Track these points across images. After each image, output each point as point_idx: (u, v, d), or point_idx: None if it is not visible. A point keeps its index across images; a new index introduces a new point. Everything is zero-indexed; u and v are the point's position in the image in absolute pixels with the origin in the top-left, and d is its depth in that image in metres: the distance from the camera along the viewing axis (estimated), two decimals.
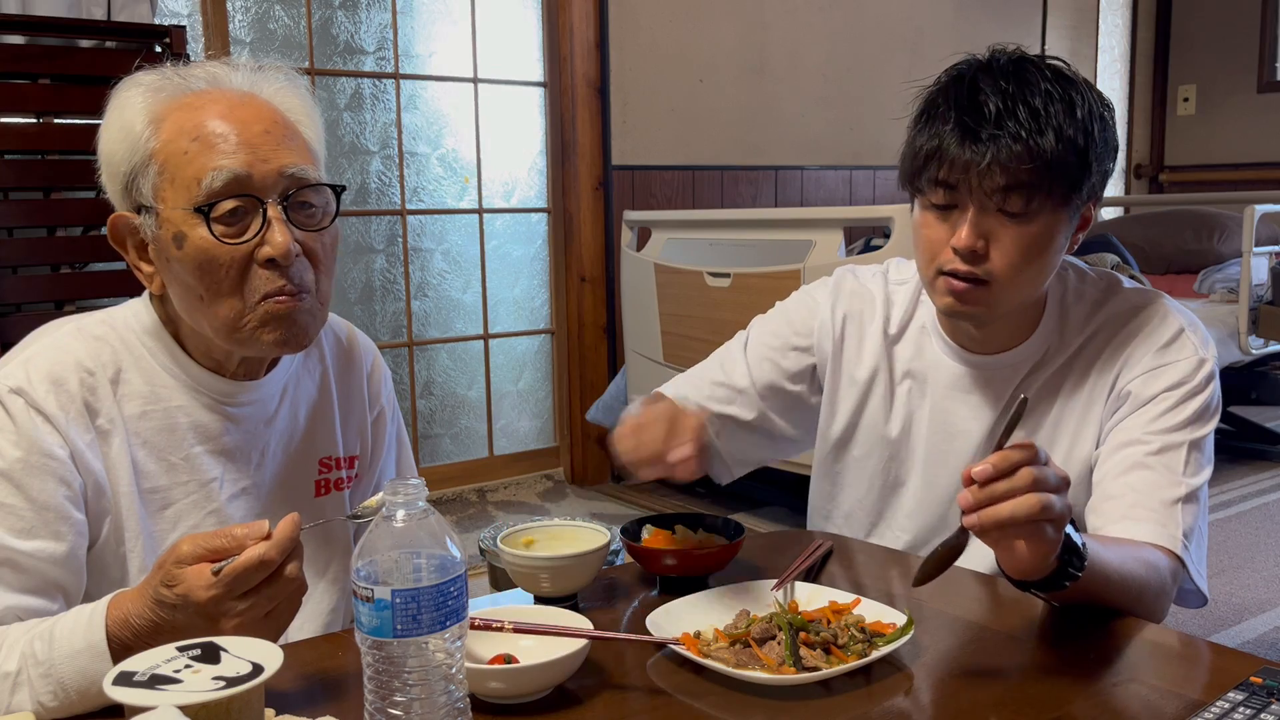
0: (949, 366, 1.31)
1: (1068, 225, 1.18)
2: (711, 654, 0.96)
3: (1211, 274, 4.49)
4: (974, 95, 1.13)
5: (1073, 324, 1.27)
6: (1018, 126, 1.10)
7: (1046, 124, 1.11)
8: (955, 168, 1.13)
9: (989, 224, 1.14)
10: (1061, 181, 1.13)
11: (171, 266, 1.04)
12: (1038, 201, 1.13)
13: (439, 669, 0.76)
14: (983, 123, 1.11)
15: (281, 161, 1.03)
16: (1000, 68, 1.15)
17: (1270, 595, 2.81)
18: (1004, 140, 1.10)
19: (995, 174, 1.11)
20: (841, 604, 1.05)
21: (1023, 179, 1.11)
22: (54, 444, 1.01)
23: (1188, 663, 1.02)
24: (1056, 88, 1.13)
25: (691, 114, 4.11)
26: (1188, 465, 1.18)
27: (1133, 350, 1.23)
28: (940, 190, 1.16)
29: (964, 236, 1.14)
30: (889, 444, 1.36)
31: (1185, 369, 1.21)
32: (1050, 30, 5.43)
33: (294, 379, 1.19)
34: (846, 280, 1.42)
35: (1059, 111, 1.11)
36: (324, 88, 3.54)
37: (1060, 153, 1.11)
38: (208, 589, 0.86)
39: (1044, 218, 1.14)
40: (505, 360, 4.03)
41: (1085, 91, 1.15)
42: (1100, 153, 1.15)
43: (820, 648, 0.96)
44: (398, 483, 0.76)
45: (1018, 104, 1.11)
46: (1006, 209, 1.13)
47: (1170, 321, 1.24)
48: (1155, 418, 1.20)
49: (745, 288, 3.15)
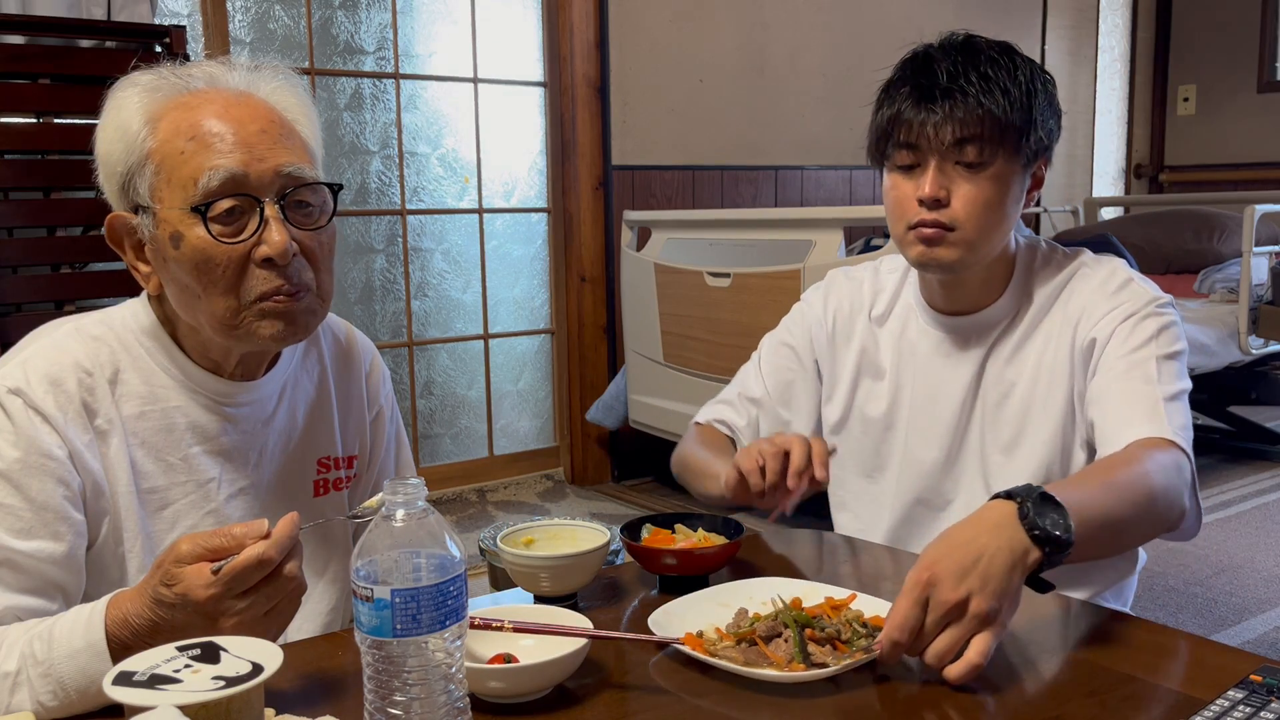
0: (929, 334, 1.41)
1: (1021, 175, 1.29)
2: (719, 653, 0.95)
3: (1211, 274, 4.48)
4: (928, 65, 1.27)
5: (1039, 285, 1.36)
6: (968, 86, 1.24)
7: (994, 85, 1.24)
8: (914, 129, 1.26)
9: (948, 175, 1.26)
10: (1011, 133, 1.25)
11: (169, 266, 1.04)
12: (989, 151, 1.25)
13: (439, 669, 0.76)
14: (936, 87, 1.25)
15: (278, 160, 1.03)
16: (950, 45, 1.30)
17: (1270, 595, 2.81)
18: (956, 99, 1.24)
19: (951, 129, 1.24)
20: (838, 599, 1.05)
21: (975, 132, 1.24)
22: (52, 444, 1.01)
23: (1187, 661, 1.01)
24: (1003, 59, 1.27)
25: (691, 114, 4.11)
26: (1162, 375, 1.24)
27: (1087, 301, 1.32)
28: (903, 151, 1.28)
29: (927, 187, 1.26)
30: (880, 418, 1.44)
31: (1138, 303, 1.29)
32: (1050, 30, 5.43)
33: (292, 379, 1.19)
34: (837, 279, 1.53)
35: (1004, 76, 1.25)
36: (324, 88, 3.54)
37: (1006, 108, 1.24)
38: (207, 588, 0.86)
39: (997, 166, 1.26)
40: (505, 360, 4.03)
41: (1026, 63, 1.29)
42: (1044, 110, 1.28)
43: (827, 643, 0.95)
44: (397, 482, 0.76)
45: (967, 70, 1.25)
46: (963, 160, 1.25)
47: (1119, 273, 1.33)
48: (1119, 345, 1.27)
49: (745, 288, 3.15)
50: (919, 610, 0.90)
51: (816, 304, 1.52)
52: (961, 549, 0.91)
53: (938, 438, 1.39)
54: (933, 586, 0.90)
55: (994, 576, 0.90)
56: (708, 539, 1.21)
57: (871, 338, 1.46)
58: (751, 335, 3.13)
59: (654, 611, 1.03)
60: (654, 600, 1.15)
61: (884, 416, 1.43)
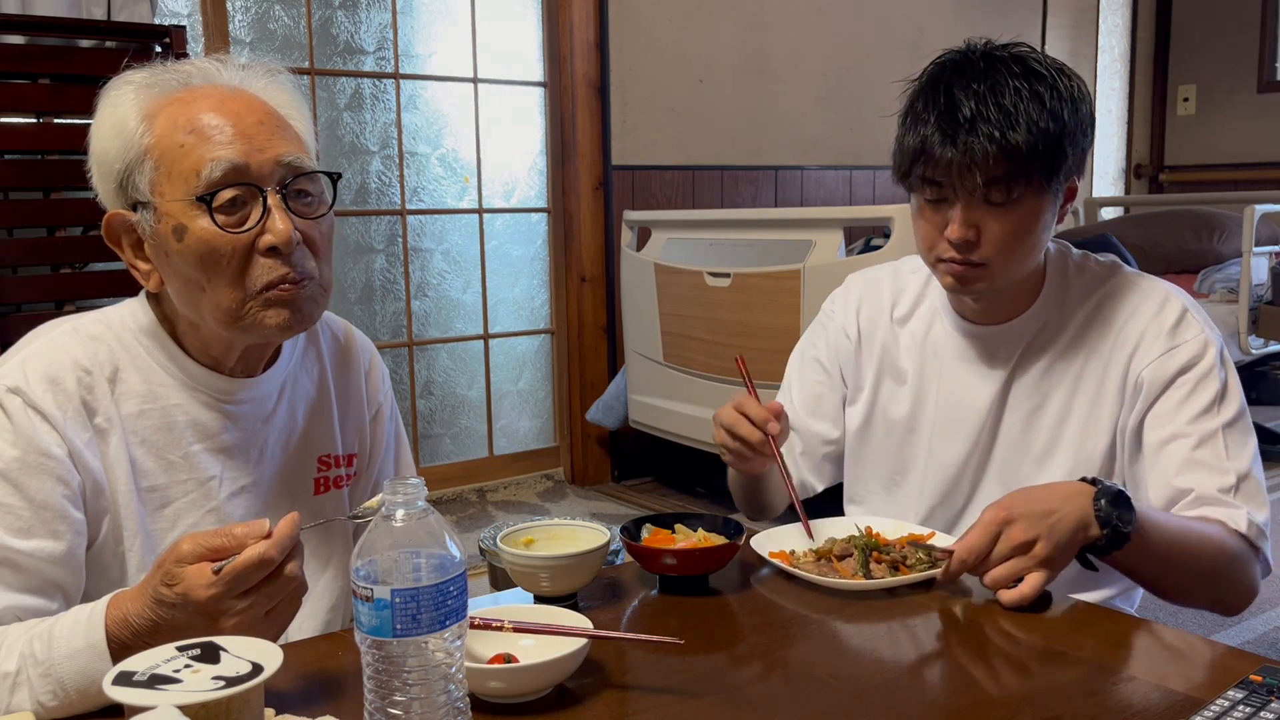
0: (955, 340, 1.38)
1: (1052, 203, 1.26)
2: (800, 565, 1.19)
3: (1211, 274, 4.49)
4: (950, 98, 1.21)
5: (1073, 296, 1.33)
6: (990, 127, 1.18)
7: (1017, 120, 1.18)
8: (939, 167, 1.21)
9: (977, 215, 1.23)
10: (1039, 170, 1.20)
11: (171, 260, 1.04)
12: (1018, 190, 1.21)
13: (439, 668, 0.76)
14: (959, 125, 1.19)
15: (277, 150, 1.04)
16: (973, 67, 1.23)
17: (1270, 595, 2.81)
18: (979, 140, 1.18)
19: (975, 171, 1.19)
20: (918, 534, 1.24)
21: (1000, 173, 1.19)
22: (52, 443, 1.01)
23: (1188, 661, 1.01)
24: (1025, 84, 1.20)
25: (691, 114, 4.11)
26: (1229, 450, 1.22)
27: (1143, 336, 1.28)
28: (928, 187, 1.24)
29: (954, 230, 1.23)
30: (903, 420, 1.42)
31: (1194, 349, 1.25)
32: (1050, 30, 5.43)
33: (292, 377, 1.19)
34: (855, 283, 1.51)
35: (1029, 107, 1.19)
36: (324, 88, 3.54)
37: (1033, 144, 1.19)
38: (208, 588, 0.86)
39: (1027, 203, 1.22)
40: (505, 360, 4.03)
41: (1054, 81, 1.22)
42: (1074, 136, 1.22)
43: (889, 565, 1.16)
44: (397, 482, 0.76)
45: (989, 104, 1.19)
46: (991, 200, 1.21)
47: (1173, 303, 1.29)
48: (1180, 403, 1.25)
49: (745, 288, 3.15)
50: (989, 541, 1.08)
51: (837, 313, 1.50)
52: (1039, 502, 1.09)
53: (963, 444, 1.37)
54: (1007, 524, 1.07)
55: (1060, 532, 1.07)
56: (708, 539, 1.21)
57: (893, 339, 1.44)
58: (751, 335, 3.15)
59: (759, 534, 1.25)
60: (654, 600, 1.15)
61: (907, 419, 1.42)
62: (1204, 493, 1.20)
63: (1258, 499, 1.22)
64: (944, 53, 1.28)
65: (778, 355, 3.01)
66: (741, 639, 1.05)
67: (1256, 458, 1.24)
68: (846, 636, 1.06)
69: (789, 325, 3.01)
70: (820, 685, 0.93)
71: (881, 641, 1.05)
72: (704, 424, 3.39)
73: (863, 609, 1.11)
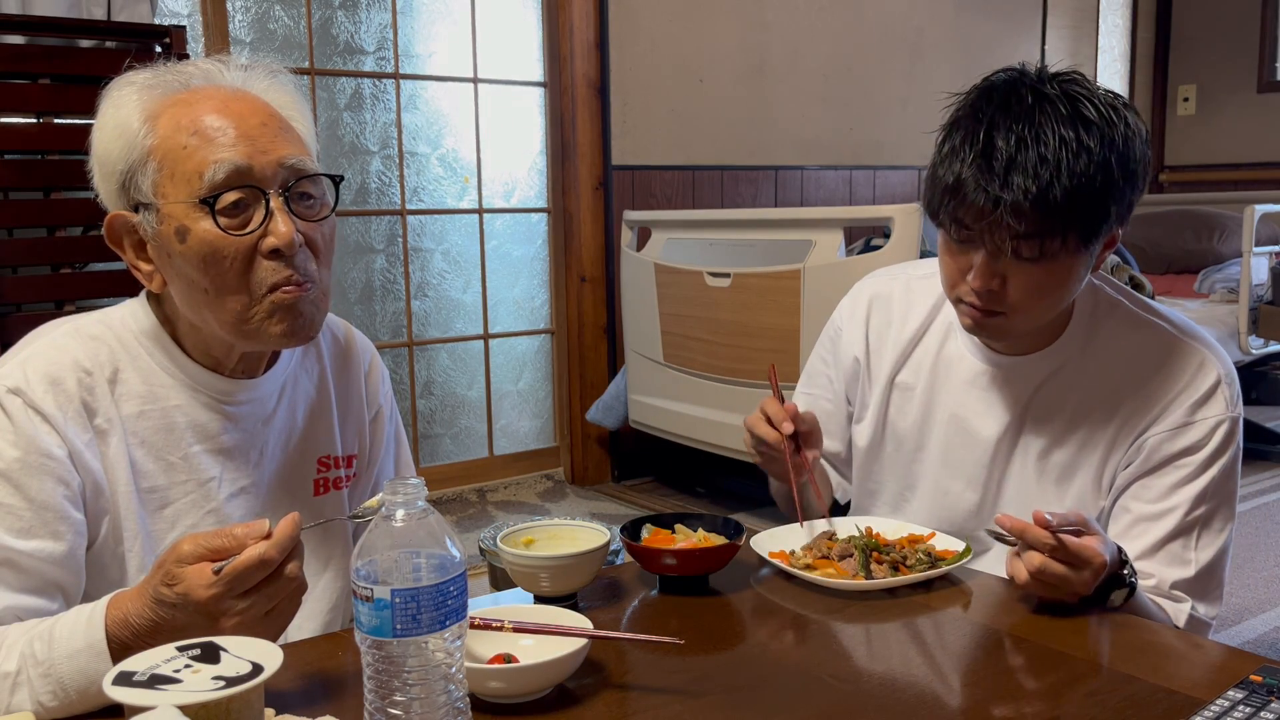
0: (969, 363, 1.34)
1: (1087, 260, 1.18)
2: (797, 564, 1.19)
3: (1211, 274, 4.49)
4: (990, 138, 1.13)
5: (1101, 339, 1.27)
6: (1026, 179, 1.09)
7: (1057, 174, 1.09)
8: (970, 212, 1.14)
9: (1003, 265, 1.16)
10: (1076, 228, 1.13)
11: (174, 262, 1.04)
12: (1051, 247, 1.13)
13: (439, 668, 0.76)
14: (994, 172, 1.11)
15: (280, 153, 1.04)
16: (1019, 103, 1.13)
17: (1270, 595, 2.81)
18: (1014, 190, 1.10)
19: (1006, 223, 1.11)
20: (918, 534, 1.26)
21: (1033, 229, 1.12)
22: (52, 444, 1.01)
23: (1188, 661, 1.01)
24: (1071, 130, 1.11)
25: (691, 114, 4.11)
26: (1200, 540, 1.22)
27: (1169, 404, 1.23)
28: (956, 227, 1.17)
29: (977, 279, 1.17)
30: (910, 439, 1.39)
31: (1207, 429, 1.21)
32: (1050, 30, 5.43)
33: (292, 378, 1.19)
34: (864, 295, 1.46)
35: (1071, 158, 1.10)
36: (324, 88, 3.54)
37: (1070, 202, 1.10)
38: (208, 588, 0.86)
39: (1059, 260, 1.15)
40: (505, 360, 4.03)
41: (1106, 128, 1.12)
42: (1120, 191, 1.14)
43: (889, 565, 1.17)
44: (397, 482, 0.76)
45: (1028, 151, 1.10)
46: (1020, 254, 1.14)
47: (1207, 373, 1.23)
48: (1172, 488, 1.22)
49: (745, 288, 3.15)
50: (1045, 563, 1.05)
51: (845, 330, 1.46)
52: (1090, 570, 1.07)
53: (971, 472, 1.33)
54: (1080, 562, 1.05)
55: (1082, 588, 1.08)
56: (708, 539, 1.21)
57: (903, 355, 1.39)
58: (751, 335, 3.15)
59: (760, 534, 1.26)
60: (654, 600, 1.15)
61: (915, 434, 1.38)
62: (1160, 582, 1.21)
63: (1211, 593, 1.23)
64: (994, 74, 1.19)
65: (778, 355, 3.03)
66: (741, 639, 1.06)
67: (1226, 544, 1.23)
68: (846, 636, 1.06)
69: (789, 325, 3.01)
70: (820, 685, 0.93)
71: (881, 641, 1.06)
72: (704, 424, 3.39)
73: (863, 609, 1.11)
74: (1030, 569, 1.06)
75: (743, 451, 3.67)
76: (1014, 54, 5.22)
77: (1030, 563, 1.06)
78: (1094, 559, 1.06)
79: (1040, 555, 1.05)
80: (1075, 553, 1.05)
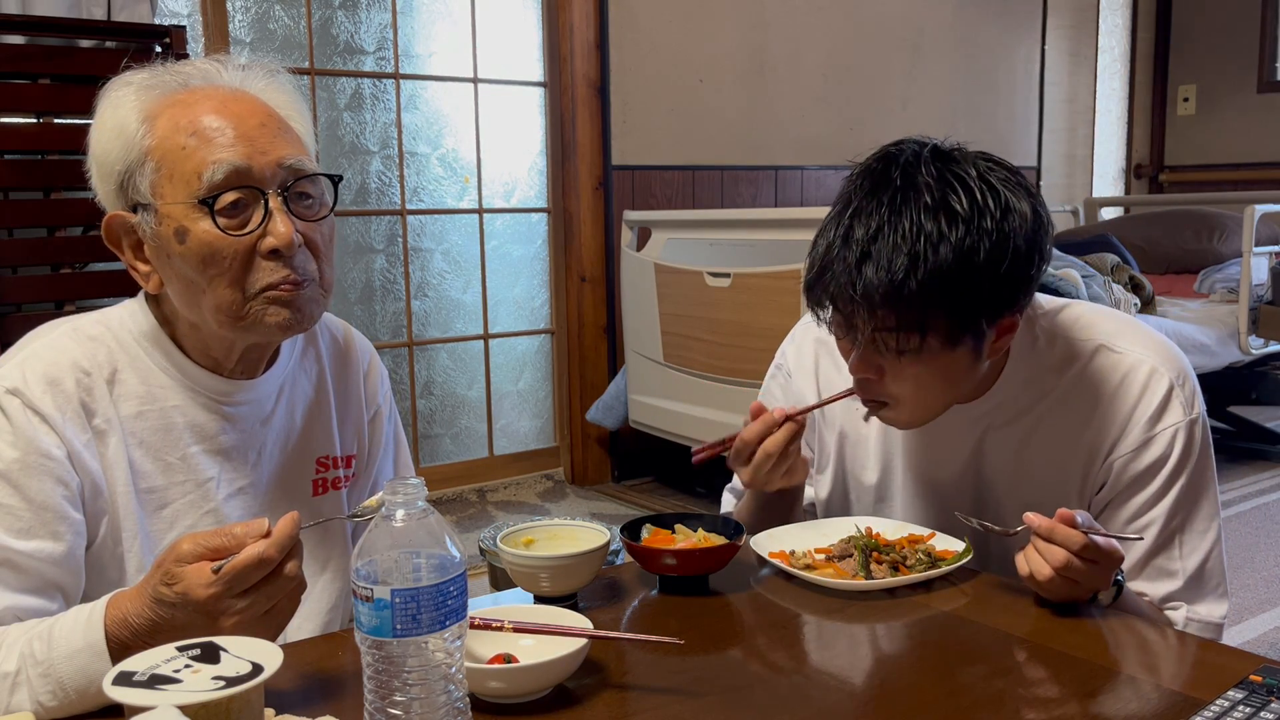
0: None
1: (969, 349, 1.11)
2: (797, 564, 1.19)
3: (1211, 274, 4.48)
4: (851, 224, 1.09)
5: (1046, 369, 1.23)
6: (879, 270, 1.05)
7: (912, 268, 1.04)
8: (833, 297, 1.10)
9: (877, 356, 1.12)
10: (935, 323, 1.07)
11: (172, 262, 1.04)
12: (910, 342, 1.08)
13: (439, 669, 0.76)
14: (848, 260, 1.07)
15: (279, 153, 1.04)
16: (885, 188, 1.09)
17: (1270, 595, 2.81)
18: (864, 282, 1.05)
19: (864, 315, 1.08)
20: (918, 534, 1.25)
21: (890, 323, 1.07)
22: (51, 444, 1.01)
23: (1188, 661, 1.01)
24: (931, 222, 1.05)
25: (691, 114, 4.11)
26: (1184, 547, 1.21)
27: (1127, 424, 1.20)
28: (823, 309, 1.13)
29: (853, 367, 1.15)
30: (872, 490, 1.37)
31: (1168, 438, 1.19)
32: (1050, 30, 5.43)
33: (290, 378, 1.19)
34: (807, 341, 1.43)
35: (930, 250, 1.04)
36: (324, 88, 3.54)
37: (925, 296, 1.04)
38: (207, 587, 0.86)
39: (929, 354, 1.10)
40: (505, 360, 4.03)
41: (975, 215, 1.05)
42: (999, 279, 1.07)
43: (889, 565, 1.17)
44: (397, 482, 0.76)
45: (884, 240, 1.05)
46: (883, 347, 1.10)
47: (1158, 382, 1.19)
48: (1146, 504, 1.21)
49: (745, 288, 3.15)
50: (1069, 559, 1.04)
51: (795, 378, 1.42)
52: (1112, 566, 1.08)
53: (939, 521, 1.29)
54: (1080, 570, 1.05)
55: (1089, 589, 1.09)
56: (708, 539, 1.21)
57: (851, 408, 1.30)
58: (751, 335, 3.15)
59: (760, 534, 1.24)
60: (654, 600, 1.15)
61: (876, 488, 1.35)
62: (1152, 599, 1.21)
63: (1210, 593, 1.21)
64: (890, 146, 1.14)
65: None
66: (741, 639, 1.05)
67: (1214, 541, 1.22)
68: (846, 636, 1.06)
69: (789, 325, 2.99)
70: (820, 685, 0.93)
71: (881, 641, 1.06)
72: (704, 424, 3.39)
73: (863, 609, 1.11)
74: (1055, 565, 1.05)
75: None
76: (1014, 54, 5.22)
77: (1055, 559, 1.05)
78: (1115, 554, 1.07)
79: (1065, 552, 1.05)
80: (1106, 551, 1.06)
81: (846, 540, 1.23)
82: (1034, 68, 5.36)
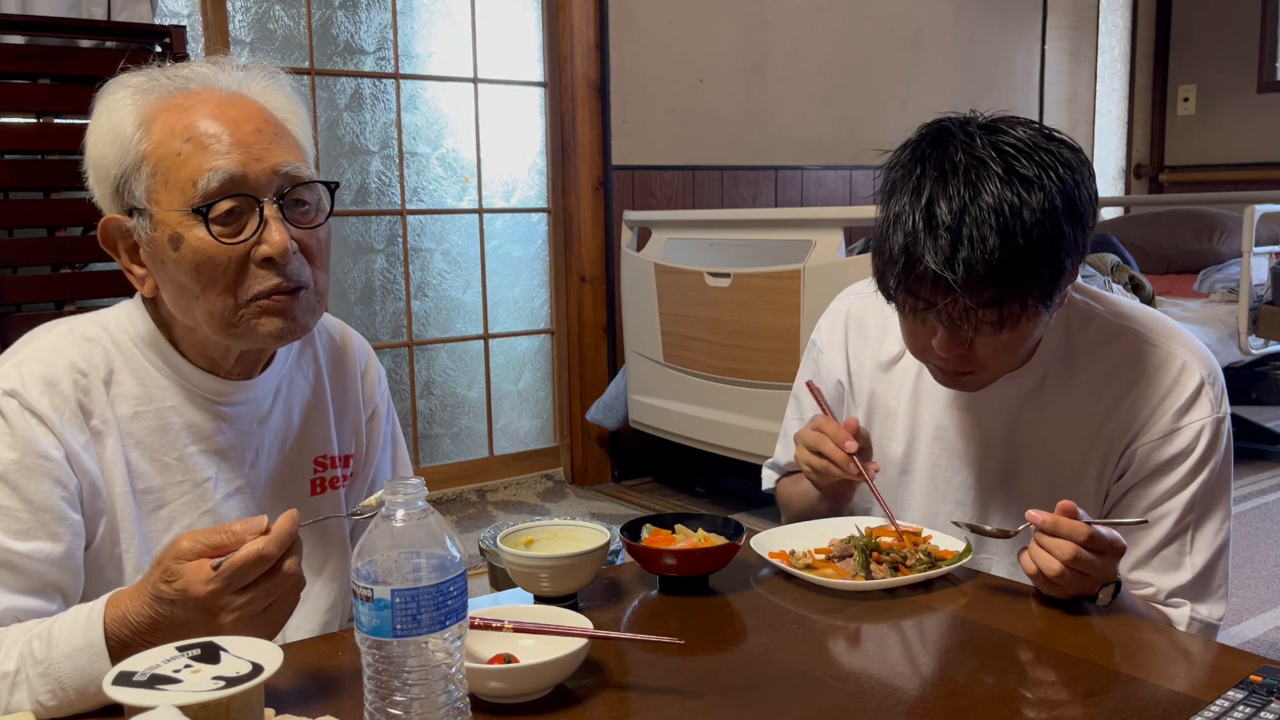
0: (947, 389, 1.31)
1: (1047, 310, 1.14)
2: (797, 564, 1.19)
3: (1211, 274, 4.49)
4: (930, 208, 1.08)
5: (1080, 349, 1.25)
6: (974, 250, 1.06)
7: (1005, 236, 1.05)
8: (922, 285, 1.10)
9: (963, 334, 1.13)
10: (1034, 289, 1.09)
11: (166, 268, 1.04)
12: (1010, 312, 1.10)
13: (439, 669, 0.76)
14: (938, 245, 1.07)
15: (275, 160, 1.03)
16: (954, 165, 1.09)
17: (1270, 595, 2.81)
18: (961, 264, 1.06)
19: (961, 299, 1.08)
20: (913, 532, 1.25)
21: (991, 298, 1.08)
22: (49, 445, 1.01)
23: (1188, 661, 1.01)
24: (1007, 187, 1.06)
25: (691, 114, 4.11)
26: (1195, 544, 1.22)
27: (1154, 412, 1.21)
28: (911, 300, 1.13)
29: (943, 350, 1.15)
30: (896, 463, 1.38)
31: (1194, 432, 1.20)
32: (1050, 30, 5.43)
33: (287, 378, 1.19)
34: (840, 314, 1.45)
35: (1015, 214, 1.06)
36: (324, 88, 3.54)
37: (1027, 259, 1.06)
38: (207, 584, 0.86)
39: (1029, 316, 1.11)
40: (505, 360, 4.03)
41: (1043, 175, 1.08)
42: (1072, 239, 1.10)
43: (889, 565, 1.17)
44: (397, 482, 0.76)
45: (968, 217, 1.06)
46: (981, 323, 1.11)
47: (1190, 375, 1.21)
48: (1164, 495, 1.21)
49: (745, 288, 3.15)
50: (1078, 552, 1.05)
51: (826, 352, 1.45)
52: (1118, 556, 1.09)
53: (959, 494, 1.32)
54: (1089, 562, 1.06)
55: (1097, 582, 1.09)
56: (708, 539, 1.21)
57: (881, 381, 1.38)
58: (751, 335, 3.15)
59: (760, 534, 1.25)
60: (654, 600, 1.15)
61: (901, 460, 1.37)
62: (1158, 590, 1.21)
63: (1212, 594, 1.23)
64: (924, 132, 1.15)
65: (778, 355, 3.03)
66: (741, 639, 1.05)
67: (1223, 543, 1.23)
68: (846, 636, 1.06)
69: (789, 325, 3.01)
70: (820, 685, 0.93)
71: (881, 641, 1.05)
72: (704, 424, 3.39)
73: (863, 609, 1.11)
74: (1064, 558, 1.05)
75: (743, 451, 3.65)
76: (1014, 54, 5.22)
77: (1063, 552, 1.05)
78: (1118, 544, 1.07)
79: (1073, 545, 1.05)
80: (1110, 541, 1.06)
81: (846, 540, 1.23)
82: (1034, 67, 5.36)
